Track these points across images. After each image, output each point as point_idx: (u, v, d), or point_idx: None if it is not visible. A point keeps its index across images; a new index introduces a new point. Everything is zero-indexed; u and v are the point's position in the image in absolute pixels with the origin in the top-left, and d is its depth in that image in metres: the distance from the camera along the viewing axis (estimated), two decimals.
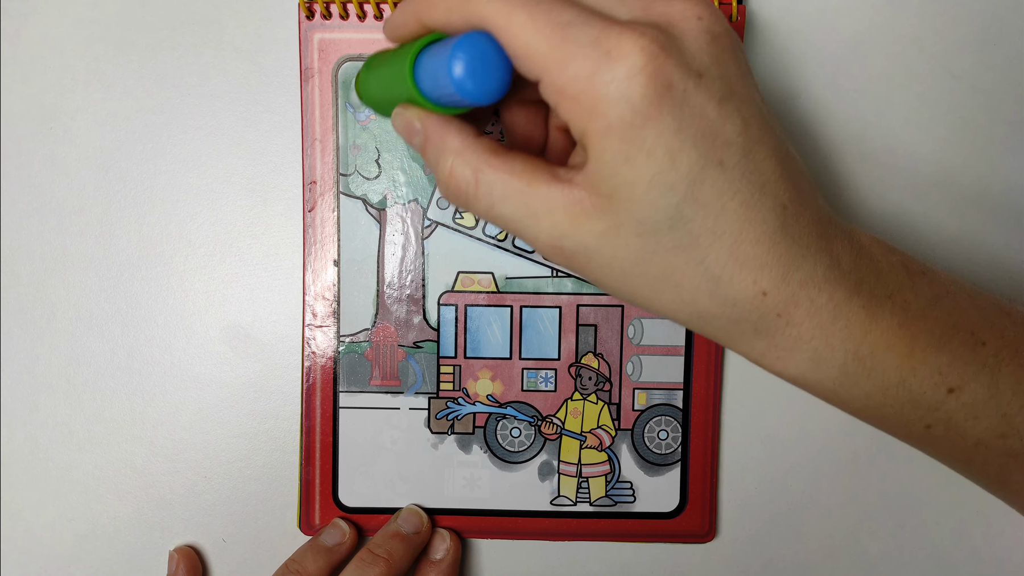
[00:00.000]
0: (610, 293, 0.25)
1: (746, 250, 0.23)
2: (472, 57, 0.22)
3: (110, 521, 0.37)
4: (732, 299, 0.23)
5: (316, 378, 0.36)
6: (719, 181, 0.22)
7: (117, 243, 0.36)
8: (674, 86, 0.21)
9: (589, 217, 0.23)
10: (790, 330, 0.24)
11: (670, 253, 0.23)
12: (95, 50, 0.36)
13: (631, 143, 0.22)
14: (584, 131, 0.22)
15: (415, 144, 0.26)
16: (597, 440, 0.37)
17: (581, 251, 0.23)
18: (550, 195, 0.23)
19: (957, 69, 0.36)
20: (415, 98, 0.25)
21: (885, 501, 0.38)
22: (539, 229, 0.24)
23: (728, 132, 0.22)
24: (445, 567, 0.36)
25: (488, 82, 0.22)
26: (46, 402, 0.37)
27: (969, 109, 0.36)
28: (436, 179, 0.25)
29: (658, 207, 0.22)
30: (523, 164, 0.24)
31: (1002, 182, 0.36)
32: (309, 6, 0.34)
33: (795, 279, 0.23)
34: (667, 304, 0.24)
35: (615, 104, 0.21)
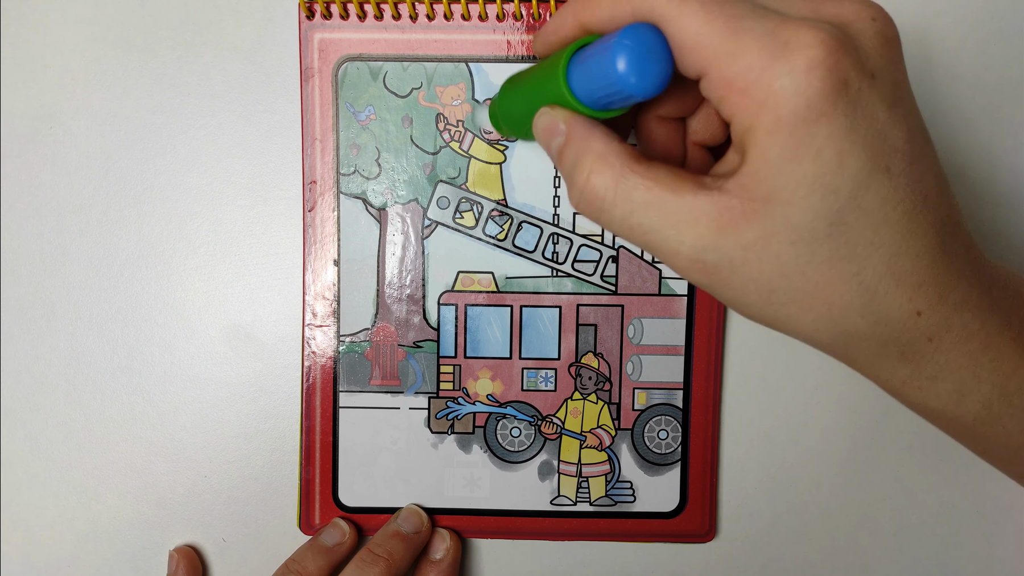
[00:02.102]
0: (750, 314, 0.23)
1: (905, 265, 0.22)
2: (637, 47, 0.21)
3: (110, 521, 0.37)
4: (885, 317, 0.22)
5: (316, 378, 0.36)
6: (884, 188, 0.21)
7: (117, 243, 0.36)
8: (850, 83, 0.20)
9: (738, 226, 0.21)
10: (939, 357, 0.23)
11: (824, 265, 0.21)
12: (95, 50, 0.36)
13: (800, 140, 0.20)
14: (749, 127, 0.21)
15: (553, 146, 0.25)
16: (597, 440, 0.37)
17: (726, 264, 0.22)
18: (696, 204, 0.22)
19: (957, 69, 0.36)
20: (565, 98, 0.24)
21: (885, 501, 0.38)
22: (681, 241, 0.22)
23: (896, 138, 0.21)
24: (445, 567, 0.36)
25: (651, 75, 0.22)
26: (46, 402, 0.37)
27: (969, 109, 0.36)
28: (569, 184, 0.24)
29: (818, 211, 0.21)
30: (668, 172, 0.23)
31: (1002, 182, 0.36)
32: (309, 6, 0.34)
33: (950, 301, 0.22)
34: (813, 323, 0.23)
35: (789, 98, 0.20)
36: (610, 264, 0.36)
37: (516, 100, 0.28)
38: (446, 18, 0.34)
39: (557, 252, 0.36)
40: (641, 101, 0.23)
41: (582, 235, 0.35)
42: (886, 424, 0.37)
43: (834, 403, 0.37)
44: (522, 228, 0.36)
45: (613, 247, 0.36)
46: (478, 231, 0.36)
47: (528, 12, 0.34)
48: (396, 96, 0.35)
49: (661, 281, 0.36)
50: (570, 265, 0.36)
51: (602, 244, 0.36)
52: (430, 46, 0.35)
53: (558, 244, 0.36)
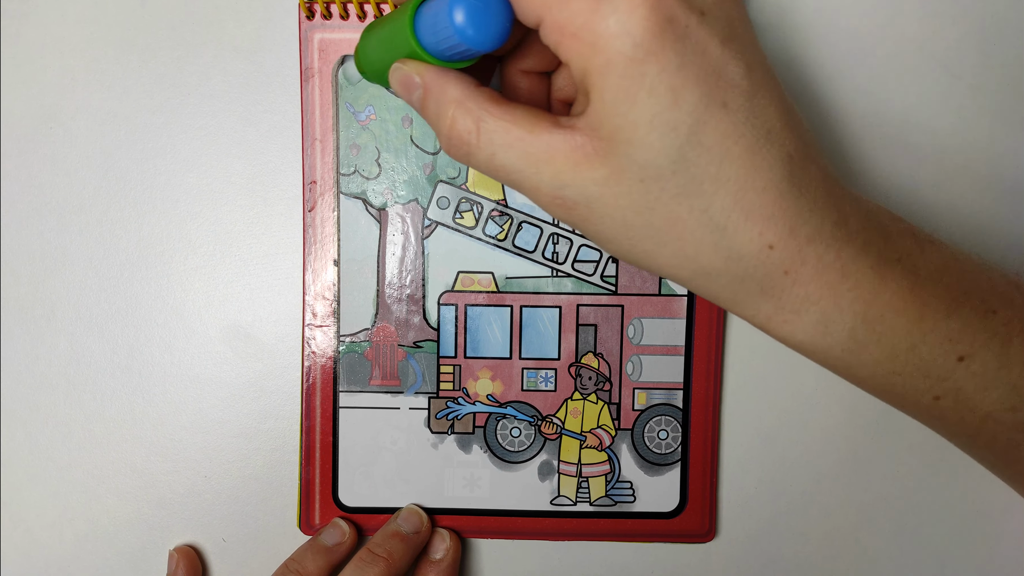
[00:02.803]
0: (612, 251, 0.24)
1: (752, 199, 0.22)
2: (472, 2, 0.22)
3: (110, 521, 0.37)
4: (737, 252, 0.23)
5: (316, 378, 0.36)
6: (723, 123, 0.21)
7: (117, 243, 0.36)
8: (676, 20, 0.21)
9: (591, 163, 0.22)
10: (797, 289, 0.23)
11: (673, 201, 0.22)
12: (95, 50, 0.36)
13: (632, 79, 0.21)
14: (585, 70, 0.21)
15: (414, 99, 0.25)
16: (597, 440, 0.37)
17: (583, 201, 0.23)
18: (552, 142, 0.22)
19: (957, 69, 0.36)
20: (416, 51, 0.24)
21: (885, 501, 0.38)
22: (540, 179, 0.23)
23: (731, 73, 0.22)
24: (445, 567, 0.36)
25: (489, 27, 0.22)
26: (46, 402, 0.37)
27: (969, 109, 0.36)
28: (437, 132, 0.25)
29: (660, 149, 0.21)
30: (524, 112, 0.23)
31: (1002, 182, 0.36)
32: (309, 6, 0.34)
33: (802, 233, 0.23)
34: (670, 259, 0.23)
35: (616, 38, 0.21)
36: (610, 264, 0.36)
37: (373, 50, 0.28)
38: None
39: (557, 252, 0.36)
40: (485, 53, 0.23)
41: (582, 235, 0.35)
42: (886, 424, 0.37)
43: (834, 403, 0.37)
44: (522, 228, 0.36)
45: None
46: (478, 231, 0.36)
47: None
48: (396, 96, 0.35)
49: (661, 281, 0.36)
50: (570, 265, 0.36)
51: None
52: None
53: (558, 244, 0.36)
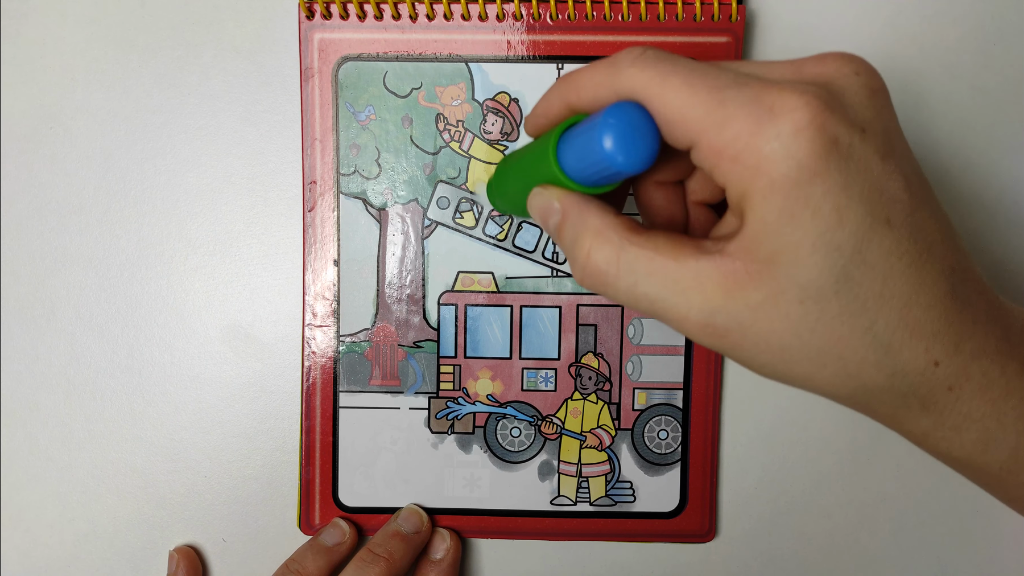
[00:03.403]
0: (765, 373, 0.23)
1: (917, 315, 0.21)
2: (622, 125, 0.22)
3: (110, 521, 0.37)
4: (902, 369, 0.22)
5: (316, 378, 0.36)
6: (887, 240, 0.21)
7: (117, 243, 0.36)
8: (840, 141, 0.21)
9: (744, 287, 0.21)
10: (960, 406, 0.23)
11: (835, 321, 0.21)
12: (95, 50, 0.36)
13: (796, 200, 0.20)
14: (744, 192, 0.21)
15: (551, 225, 0.25)
16: (597, 440, 0.37)
17: (735, 327, 0.22)
18: (699, 269, 0.22)
19: (957, 69, 0.36)
20: (557, 177, 0.24)
21: (885, 501, 0.38)
22: (688, 306, 0.22)
23: (893, 189, 0.21)
24: (445, 567, 0.36)
25: (638, 150, 0.22)
26: (46, 402, 0.37)
27: (969, 109, 0.36)
28: (571, 261, 0.24)
29: (823, 269, 0.21)
30: (667, 240, 0.23)
31: (1002, 182, 0.36)
32: (309, 6, 0.34)
33: (967, 349, 0.22)
34: (830, 379, 0.22)
35: (780, 161, 0.20)
36: None
37: (510, 180, 0.29)
38: (446, 18, 0.34)
39: (557, 252, 0.36)
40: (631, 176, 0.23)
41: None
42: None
43: (834, 403, 0.37)
44: (522, 228, 0.36)
45: None
46: (478, 231, 0.36)
47: (528, 12, 0.34)
48: (396, 96, 0.35)
49: None
50: None
51: None
52: (430, 46, 0.35)
53: None
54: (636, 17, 0.34)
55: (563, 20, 0.34)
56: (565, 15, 0.34)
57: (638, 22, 0.34)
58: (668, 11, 0.34)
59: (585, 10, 0.34)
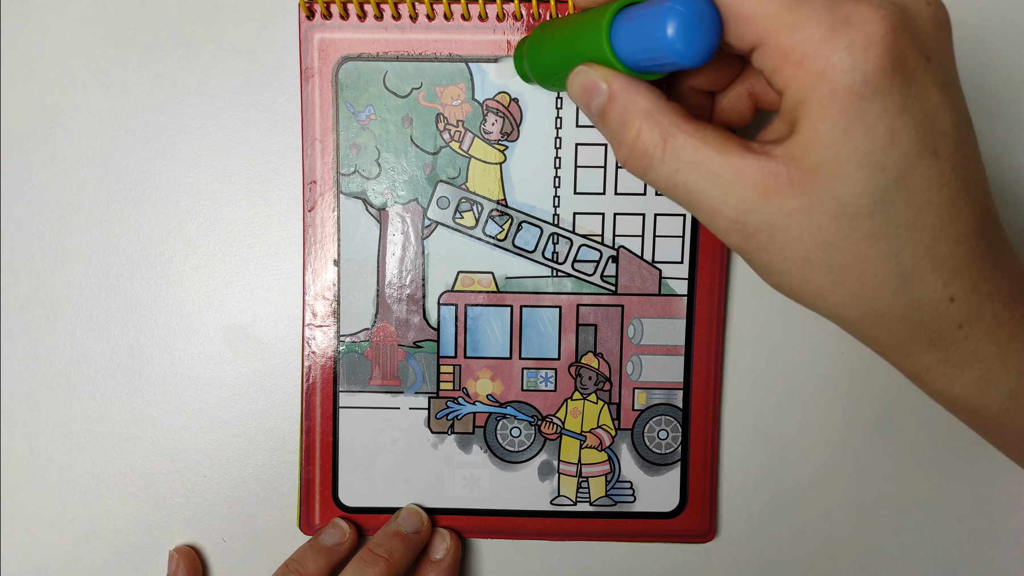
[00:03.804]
0: (780, 283, 0.23)
1: (944, 250, 0.22)
2: (688, 15, 0.21)
3: (110, 521, 0.37)
4: (917, 300, 0.22)
5: (316, 378, 0.36)
6: (931, 170, 0.21)
7: (117, 243, 0.36)
8: (907, 62, 0.20)
9: (783, 192, 0.21)
10: (967, 344, 0.23)
11: (863, 241, 0.21)
12: (95, 50, 0.36)
13: (853, 114, 0.20)
14: (802, 99, 0.21)
15: (594, 105, 0.24)
16: (597, 440, 0.37)
17: (765, 229, 0.22)
18: (743, 165, 0.22)
19: (958, 69, 0.36)
20: (607, 58, 0.24)
21: (885, 501, 0.38)
22: (724, 201, 0.22)
23: (945, 121, 0.21)
24: (445, 567, 0.36)
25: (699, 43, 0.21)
26: (46, 402, 0.37)
27: (969, 109, 0.36)
28: (616, 142, 0.24)
29: (865, 188, 0.21)
30: (715, 133, 0.23)
31: (1002, 182, 0.36)
32: (309, 6, 0.34)
33: (983, 289, 0.22)
34: (843, 299, 0.23)
35: (846, 71, 0.20)
36: (610, 264, 0.36)
37: (548, 50, 0.28)
38: (446, 18, 0.34)
39: (557, 252, 0.36)
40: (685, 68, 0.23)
41: (582, 235, 0.35)
42: (886, 424, 0.37)
43: (834, 403, 0.37)
44: (522, 228, 0.36)
45: (613, 247, 0.36)
46: (478, 231, 0.36)
47: (528, 12, 0.34)
48: (396, 96, 0.35)
49: (661, 281, 0.36)
50: (570, 265, 0.36)
51: (602, 244, 0.36)
52: (430, 46, 0.35)
53: (558, 244, 0.36)
54: None
55: None
56: (565, 15, 0.34)
57: None
58: None
59: None
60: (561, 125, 0.35)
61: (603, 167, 0.35)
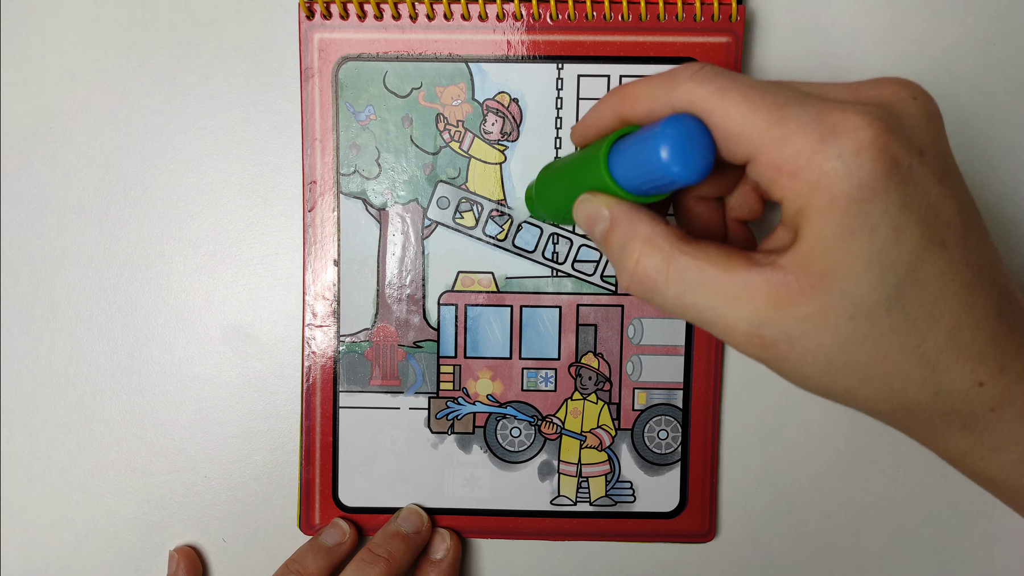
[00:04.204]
0: (808, 386, 0.24)
1: (966, 336, 0.22)
2: (680, 136, 0.22)
3: (110, 521, 0.37)
4: (947, 389, 0.22)
5: (316, 378, 0.36)
6: (940, 261, 0.21)
7: (117, 243, 0.36)
8: (900, 162, 0.21)
9: (795, 301, 0.22)
10: (1001, 427, 0.23)
11: (884, 338, 0.22)
12: (95, 50, 0.36)
13: (855, 218, 0.21)
14: (802, 208, 0.21)
15: (597, 232, 0.25)
16: (597, 440, 0.37)
17: (783, 339, 0.22)
18: (749, 280, 0.22)
19: (957, 69, 0.36)
20: (607, 184, 0.24)
21: (885, 501, 0.38)
22: (737, 317, 0.22)
23: (948, 212, 0.22)
24: (445, 567, 0.36)
25: (694, 163, 0.22)
26: (46, 402, 0.37)
27: (969, 109, 0.36)
28: (619, 268, 0.24)
29: (876, 287, 0.21)
30: (717, 251, 0.23)
31: (1002, 182, 0.36)
32: (309, 6, 0.34)
33: (1012, 371, 0.22)
34: (873, 395, 0.23)
35: (841, 179, 0.21)
36: (610, 264, 0.36)
37: (554, 187, 0.29)
38: (446, 18, 0.34)
39: (557, 252, 0.36)
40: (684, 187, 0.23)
41: (582, 235, 0.35)
42: (886, 424, 0.37)
43: (834, 403, 0.37)
44: (522, 228, 0.36)
45: None
46: (478, 231, 0.36)
47: (528, 12, 0.34)
48: (396, 96, 0.35)
49: None
50: (570, 265, 0.36)
51: None
52: (430, 46, 0.35)
53: (558, 244, 0.36)
54: (636, 17, 0.34)
55: (563, 20, 0.34)
56: (565, 15, 0.34)
57: (638, 22, 0.34)
58: (668, 11, 0.34)
59: (585, 10, 0.34)
60: (561, 125, 0.35)
61: None
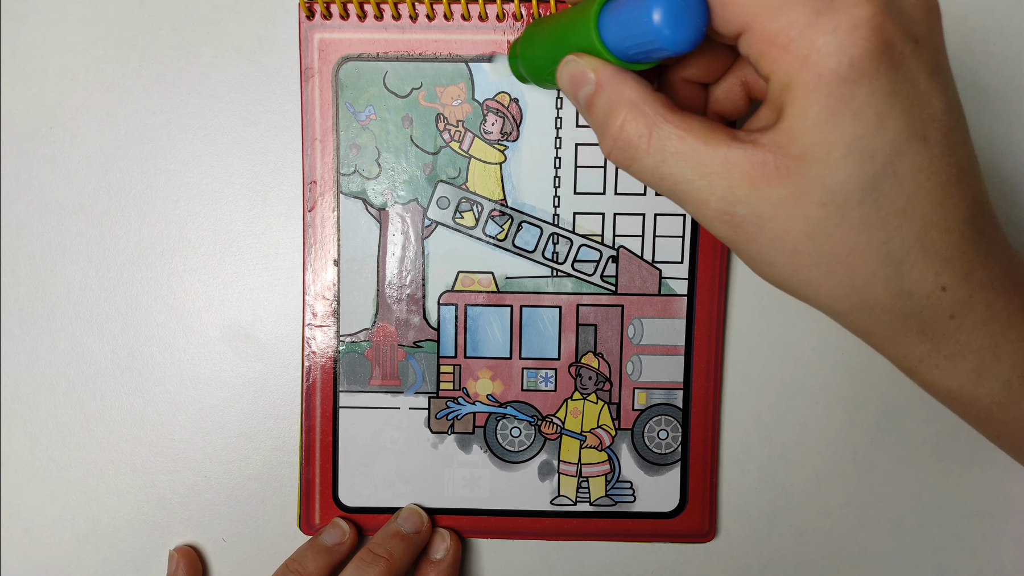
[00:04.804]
0: (770, 274, 0.23)
1: (935, 238, 0.21)
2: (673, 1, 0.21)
3: (110, 521, 0.37)
4: (909, 290, 0.22)
5: (316, 378, 0.36)
6: (920, 157, 0.21)
7: (117, 243, 0.36)
8: (894, 46, 0.20)
9: (771, 181, 0.21)
10: (960, 335, 0.23)
11: (852, 230, 0.21)
12: (95, 50, 0.36)
13: (840, 99, 0.20)
14: (788, 84, 0.21)
15: (582, 95, 0.24)
16: (597, 440, 0.37)
17: (753, 219, 0.22)
18: (729, 156, 0.21)
19: (957, 69, 0.36)
20: (596, 48, 0.23)
21: (885, 501, 0.38)
22: (711, 192, 0.22)
23: (934, 107, 0.21)
24: (445, 567, 0.36)
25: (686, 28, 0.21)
26: (46, 402, 0.37)
27: (969, 109, 0.36)
28: (601, 132, 0.24)
29: (853, 174, 0.20)
30: (701, 124, 0.22)
31: (1002, 182, 0.36)
32: (309, 6, 0.34)
33: (975, 279, 0.22)
34: (834, 289, 0.22)
35: (832, 55, 0.20)
36: (610, 264, 0.36)
37: (540, 46, 0.28)
38: (446, 18, 0.34)
39: (557, 252, 0.36)
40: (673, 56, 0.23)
41: (582, 235, 0.35)
42: (886, 424, 0.37)
43: (834, 403, 0.37)
44: (522, 228, 0.36)
45: (613, 247, 0.36)
46: (478, 231, 0.36)
47: (528, 12, 0.34)
48: (396, 96, 0.35)
49: (661, 281, 0.36)
50: (570, 265, 0.36)
51: (602, 244, 0.36)
52: (430, 46, 0.35)
53: (558, 244, 0.36)
54: None
55: None
56: (556, 12, 0.34)
57: None
58: None
59: None
60: (561, 125, 0.35)
61: (603, 167, 0.35)
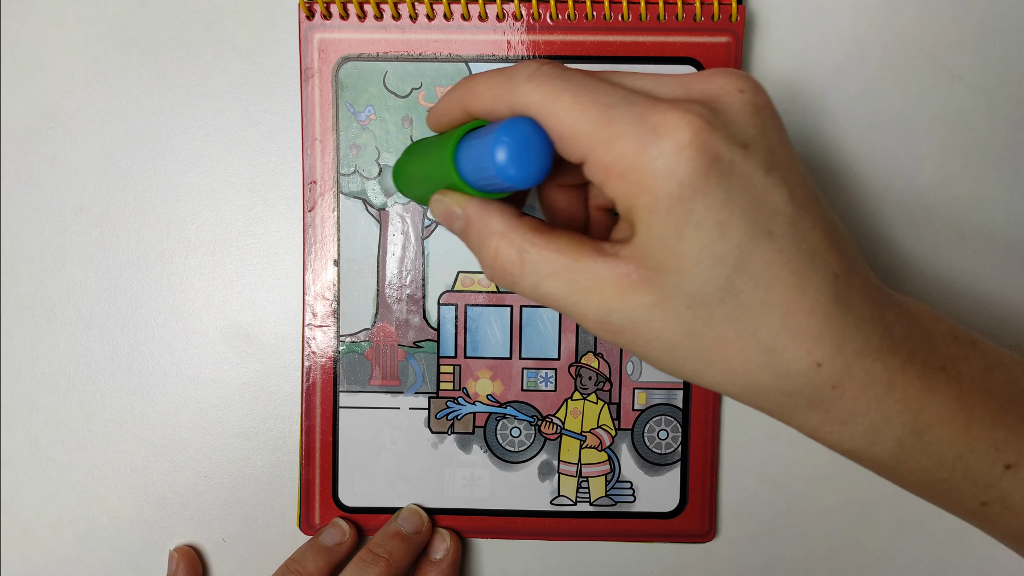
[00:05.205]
0: (658, 367, 0.25)
1: (799, 320, 0.22)
2: (515, 142, 0.22)
3: (110, 521, 0.37)
4: (786, 371, 0.23)
5: (316, 378, 0.36)
6: (769, 251, 0.22)
7: (117, 243, 0.36)
8: (721, 158, 0.21)
9: (637, 290, 0.23)
10: (845, 402, 0.24)
11: (721, 325, 0.23)
12: (95, 50, 0.36)
13: (679, 216, 0.21)
14: (631, 207, 0.22)
15: (456, 229, 0.26)
16: (597, 440, 0.37)
17: (629, 325, 0.23)
18: (597, 270, 0.23)
19: (957, 69, 0.36)
20: (456, 184, 0.25)
21: (885, 501, 0.38)
22: (587, 305, 0.23)
23: (775, 201, 0.22)
24: (445, 567, 0.36)
25: (530, 166, 0.23)
26: (46, 402, 0.37)
27: (969, 109, 0.36)
28: (481, 261, 0.25)
29: (707, 279, 0.22)
30: (568, 241, 0.24)
31: (1002, 182, 0.36)
32: (309, 6, 0.34)
33: (849, 349, 0.23)
34: (717, 377, 0.24)
35: (662, 179, 0.21)
36: None
37: (413, 176, 0.29)
38: (446, 18, 0.34)
39: None
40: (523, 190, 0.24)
41: None
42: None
43: None
44: None
45: None
46: None
47: (528, 12, 0.34)
48: (396, 96, 0.35)
49: None
50: None
51: None
52: (430, 46, 0.35)
53: None
54: (636, 17, 0.34)
55: (563, 20, 0.34)
56: (565, 15, 0.34)
57: (638, 22, 0.34)
58: (668, 11, 0.34)
59: (585, 10, 0.34)
60: None
61: None
